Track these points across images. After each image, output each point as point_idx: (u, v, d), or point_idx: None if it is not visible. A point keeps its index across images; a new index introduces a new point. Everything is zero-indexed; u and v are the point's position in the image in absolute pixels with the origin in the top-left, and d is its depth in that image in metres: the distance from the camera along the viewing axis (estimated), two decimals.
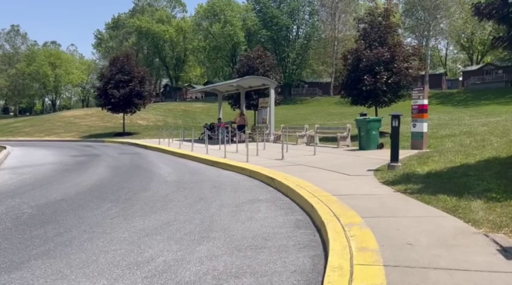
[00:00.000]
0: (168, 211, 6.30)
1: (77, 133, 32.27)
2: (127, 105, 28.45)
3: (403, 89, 18.11)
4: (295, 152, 13.71)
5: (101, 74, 29.77)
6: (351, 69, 17.95)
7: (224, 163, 11.59)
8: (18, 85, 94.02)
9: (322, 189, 6.98)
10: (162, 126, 35.71)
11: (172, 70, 79.23)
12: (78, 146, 22.29)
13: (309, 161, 11.34)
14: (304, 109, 53.91)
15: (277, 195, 7.48)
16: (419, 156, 10.45)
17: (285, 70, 66.27)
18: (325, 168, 9.73)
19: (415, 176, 7.76)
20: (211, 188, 8.30)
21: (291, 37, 67.97)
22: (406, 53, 17.78)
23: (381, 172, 8.64)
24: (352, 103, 18.78)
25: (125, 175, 10.61)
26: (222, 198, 7.27)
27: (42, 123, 39.11)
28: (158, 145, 19.86)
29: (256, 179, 9.37)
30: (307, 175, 8.86)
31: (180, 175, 10.42)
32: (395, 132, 8.86)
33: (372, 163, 10.19)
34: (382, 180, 7.76)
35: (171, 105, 57.37)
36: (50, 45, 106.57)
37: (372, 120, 13.17)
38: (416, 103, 12.77)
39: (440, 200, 5.79)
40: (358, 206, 5.63)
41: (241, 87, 22.13)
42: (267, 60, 26.34)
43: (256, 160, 12.14)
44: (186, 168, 11.93)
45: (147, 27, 71.63)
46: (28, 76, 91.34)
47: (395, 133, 8.86)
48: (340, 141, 14.57)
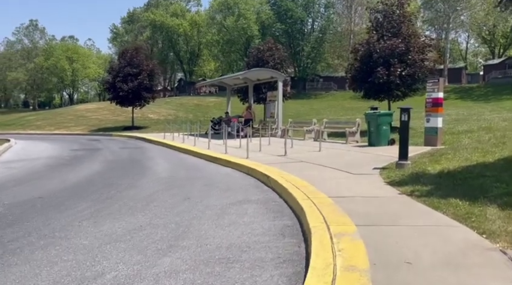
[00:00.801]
0: (146, 213, 5.71)
1: (86, 126, 32.11)
2: (136, 98, 28.06)
3: (417, 82, 17.17)
4: (300, 148, 13.01)
5: (109, 67, 29.48)
6: (362, 61, 17.08)
7: (223, 159, 10.98)
8: (37, 79, 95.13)
9: (319, 190, 6.29)
10: (173, 120, 35.32)
11: (187, 64, 78.85)
12: (84, 140, 21.99)
13: (313, 157, 10.63)
14: (318, 103, 52.93)
15: (271, 195, 6.82)
16: (432, 153, 9.63)
17: (300, 64, 65.30)
18: (328, 165, 9.02)
19: (425, 176, 7.00)
20: (203, 187, 7.69)
21: (305, 30, 66.80)
22: (421, 44, 16.81)
23: (388, 170, 7.89)
24: (364, 96, 17.92)
25: (118, 171, 10.09)
26: (210, 198, 6.66)
27: (54, 116, 39.16)
28: (163, 139, 19.36)
29: (252, 177, 8.72)
30: (307, 173, 8.17)
31: (175, 171, 9.85)
32: (404, 126, 8.08)
33: (379, 160, 9.43)
34: (388, 180, 7.02)
35: (184, 99, 57.04)
36: (67, 40, 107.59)
37: (382, 114, 12.36)
38: (431, 97, 11.89)
39: (451, 205, 5.06)
40: (354, 211, 4.93)
41: (249, 80, 21.45)
42: (278, 52, 25.56)
43: (258, 156, 11.49)
44: (184, 164, 11.36)
45: (161, 21, 71.32)
46: (46, 70, 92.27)
47: (404, 128, 8.09)
48: (348, 137, 13.79)
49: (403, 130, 8.11)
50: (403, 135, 8.09)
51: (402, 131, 8.13)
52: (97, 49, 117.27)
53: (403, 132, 8.12)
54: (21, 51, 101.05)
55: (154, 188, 7.67)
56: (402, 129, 8.13)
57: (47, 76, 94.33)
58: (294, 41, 64.91)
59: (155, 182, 8.27)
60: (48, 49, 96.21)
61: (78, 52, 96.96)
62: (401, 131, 8.17)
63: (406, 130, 8.08)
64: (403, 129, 8.12)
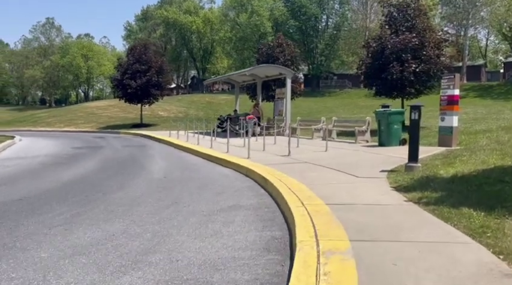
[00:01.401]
0: (126, 219, 5.22)
1: (96, 124, 31.99)
2: (144, 95, 27.73)
3: (433, 79, 16.38)
4: (306, 148, 12.40)
5: (118, 64, 29.23)
6: (374, 57, 16.36)
7: (223, 159, 10.45)
8: (53, 76, 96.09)
9: (317, 195, 5.71)
10: (183, 117, 35.01)
11: (200, 62, 78.57)
12: (89, 138, 21.74)
13: (318, 158, 10.03)
14: (332, 101, 52.03)
15: (265, 200, 6.27)
16: (446, 155, 8.94)
17: (313, 61, 64.40)
18: (332, 167, 8.41)
19: (436, 180, 6.35)
20: (195, 189, 7.18)
21: (319, 27, 65.76)
22: (437, 39, 15.99)
23: (396, 173, 7.25)
24: (376, 94, 17.19)
25: (112, 171, 9.66)
26: (199, 203, 6.14)
27: (65, 113, 39.25)
28: (168, 137, 18.96)
29: (250, 179, 8.18)
30: (308, 175, 7.58)
31: (171, 172, 9.37)
32: (414, 126, 7.43)
33: (388, 162, 8.78)
34: (395, 184, 6.39)
35: (196, 97, 56.80)
36: (83, 38, 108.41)
37: (393, 113, 11.66)
38: (446, 94, 11.15)
39: (464, 215, 4.43)
40: (352, 221, 4.35)
41: (258, 77, 20.88)
42: (288, 48, 24.89)
43: (260, 156, 10.93)
44: (183, 163, 10.87)
45: (174, 18, 71.12)
46: (62, 68, 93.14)
47: (414, 127, 7.43)
48: (358, 136, 13.12)
49: (414, 130, 7.45)
50: (413, 135, 7.44)
51: (412, 131, 7.48)
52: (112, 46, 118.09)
53: (413, 132, 7.46)
54: (38, 48, 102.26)
55: (143, 190, 7.19)
56: (412, 128, 7.48)
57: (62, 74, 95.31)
58: (308, 38, 63.98)
59: (146, 184, 7.79)
60: (64, 47, 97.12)
61: (93, 50, 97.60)
62: (411, 131, 7.51)
63: (416, 130, 7.43)
64: (413, 128, 7.46)
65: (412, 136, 7.46)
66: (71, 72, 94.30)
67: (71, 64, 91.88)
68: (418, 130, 7.45)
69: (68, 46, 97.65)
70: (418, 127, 7.43)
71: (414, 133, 7.44)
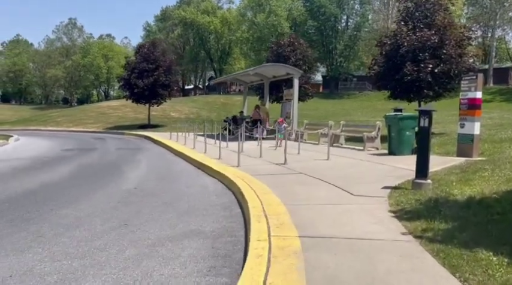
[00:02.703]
0: (46, 249, 4.17)
1: (103, 124, 31.41)
2: (152, 95, 26.88)
3: (453, 81, 14.90)
4: (307, 155, 11.18)
5: (126, 63, 28.52)
6: (388, 55, 15.00)
7: (210, 167, 9.34)
8: (75, 76, 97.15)
9: (295, 221, 4.54)
10: (194, 119, 34.16)
11: (217, 62, 77.88)
12: (88, 138, 20.99)
13: (316, 168, 8.82)
14: (350, 104, 50.43)
15: (234, 225, 5.12)
16: (464, 168, 7.59)
17: (332, 62, 62.86)
18: (327, 180, 7.19)
19: (448, 204, 5.08)
20: (158, 206, 6.09)
21: (339, 28, 64.12)
22: (459, 36, 14.52)
23: (400, 192, 5.99)
24: (390, 96, 15.79)
25: (82, 179, 8.68)
26: (154, 225, 5.04)
27: (76, 113, 38.94)
28: (167, 140, 18.01)
29: (231, 193, 7.05)
30: (296, 191, 6.41)
31: (146, 181, 8.31)
32: (423, 134, 6.15)
33: (395, 175, 7.50)
34: (396, 208, 5.15)
35: (211, 98, 56.07)
36: (105, 38, 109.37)
37: (404, 117, 10.32)
38: (466, 97, 9.76)
39: (480, 263, 3.21)
40: (321, 270, 3.16)
41: (265, 77, 19.72)
42: (300, 47, 23.64)
43: (253, 163, 9.79)
44: (166, 171, 9.81)
45: (192, 18, 70.61)
46: (83, 68, 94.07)
47: (423, 136, 6.16)
48: (366, 142, 11.81)
49: (423, 139, 6.18)
50: (422, 145, 6.16)
51: (421, 140, 6.20)
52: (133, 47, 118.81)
53: (422, 142, 6.19)
54: (60, 48, 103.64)
55: (98, 205, 6.14)
56: (421, 137, 6.20)
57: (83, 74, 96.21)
58: (327, 39, 62.48)
59: (108, 197, 6.74)
60: (86, 47, 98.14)
61: (114, 50, 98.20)
62: (420, 140, 6.24)
63: (425, 139, 6.15)
64: (422, 137, 6.19)
65: (421, 146, 6.18)
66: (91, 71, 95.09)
67: (91, 64, 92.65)
68: (428, 140, 6.17)
69: (89, 46, 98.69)
70: (428, 136, 6.15)
71: (423, 143, 6.16)
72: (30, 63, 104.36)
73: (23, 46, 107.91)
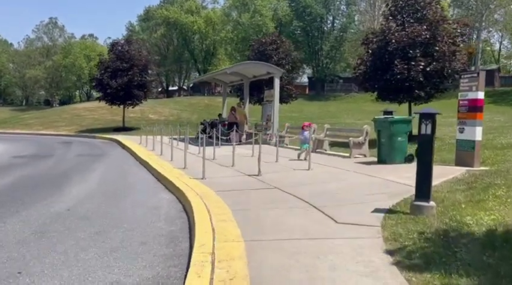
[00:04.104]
0: None
1: (76, 126, 29.61)
2: (127, 96, 25.22)
3: (446, 81, 13.76)
4: (286, 164, 9.82)
5: (98, 62, 26.82)
6: (375, 54, 13.77)
7: (169, 180, 7.90)
8: (56, 77, 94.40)
9: (253, 274, 3.16)
10: (174, 121, 32.62)
11: (201, 63, 76.17)
12: (53, 143, 19.27)
13: (294, 181, 7.46)
14: (336, 106, 49.39)
15: (170, 273, 3.72)
16: (470, 182, 6.31)
17: (318, 64, 61.83)
18: (307, 199, 5.84)
19: (463, 240, 3.76)
20: (82, 240, 4.65)
21: (325, 28, 63.15)
22: (452, 33, 13.36)
23: (397, 218, 4.66)
24: (379, 98, 14.57)
25: (11, 195, 7.17)
26: (52, 278, 3.61)
27: (49, 115, 36.96)
28: (136, 145, 16.49)
29: (185, 216, 5.65)
30: (264, 215, 5.03)
31: (88, 199, 6.84)
32: (425, 144, 4.83)
33: (388, 192, 6.19)
34: (393, 246, 3.81)
35: (194, 99, 54.48)
36: (87, 38, 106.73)
37: (396, 121, 9.04)
38: (466, 97, 8.54)
39: None
40: None
41: (245, 77, 18.34)
42: (283, 46, 22.35)
43: (223, 175, 8.40)
44: (118, 184, 8.33)
45: (175, 18, 68.92)
46: (64, 68, 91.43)
47: (425, 146, 4.83)
48: (353, 149, 10.50)
49: (425, 151, 4.85)
50: (424, 158, 4.83)
51: (423, 152, 4.87)
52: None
53: (424, 154, 4.86)
54: (41, 48, 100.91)
55: (1, 239, 4.67)
56: (422, 148, 4.87)
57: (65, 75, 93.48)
58: (313, 40, 61.47)
59: (24, 224, 5.26)
60: (67, 47, 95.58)
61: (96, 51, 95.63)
62: (421, 151, 4.90)
63: (428, 151, 4.82)
64: (424, 148, 4.86)
65: (422, 160, 4.85)
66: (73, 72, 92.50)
67: (73, 64, 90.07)
68: (432, 151, 4.84)
69: (70, 46, 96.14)
70: (431, 147, 4.82)
71: (425, 155, 4.83)
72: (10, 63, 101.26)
73: (3, 46, 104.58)
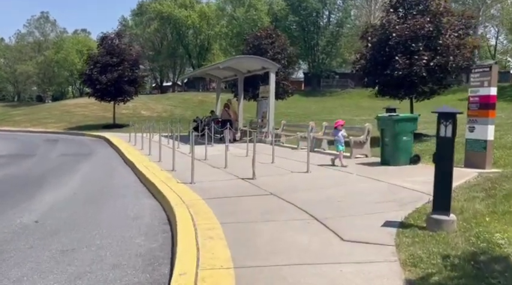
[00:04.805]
0: None
1: (66, 123, 28.73)
2: (118, 92, 24.39)
3: (450, 76, 13.11)
4: (283, 165, 9.15)
5: (87, 57, 25.94)
6: (375, 48, 13.09)
7: (154, 184, 7.20)
8: (48, 73, 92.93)
9: None
10: (167, 117, 31.87)
11: (196, 58, 75.13)
12: (38, 141, 18.43)
13: (292, 185, 6.80)
14: (332, 102, 48.77)
15: None
16: (487, 190, 5.67)
17: (314, 59, 61.12)
18: (307, 209, 5.17)
19: (499, 267, 3.11)
20: (43, 263, 3.97)
21: (321, 23, 62.36)
22: (457, 25, 12.71)
23: (412, 234, 4.00)
24: (378, 94, 13.91)
25: None
26: None
27: (39, 111, 36.02)
28: (125, 143, 15.75)
29: (169, 229, 4.97)
30: (258, 230, 4.37)
31: (62, 208, 6.14)
32: (445, 148, 4.17)
33: (397, 199, 5.54)
34: (414, 274, 3.15)
35: (188, 95, 53.64)
36: (80, 33, 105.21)
37: (401, 119, 8.39)
38: (477, 93, 7.89)
39: None
40: None
41: (239, 72, 17.61)
42: (279, 40, 21.60)
43: (214, 178, 7.71)
44: (99, 189, 7.62)
45: (169, 12, 67.83)
46: (56, 63, 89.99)
47: (445, 150, 4.17)
48: (354, 149, 9.86)
49: (444, 155, 4.19)
50: (444, 165, 4.18)
51: (442, 157, 4.21)
52: None
53: (443, 159, 4.20)
54: (32, 43, 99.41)
55: None
56: (442, 152, 4.21)
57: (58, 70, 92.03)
58: (309, 35, 60.66)
59: None
60: (59, 42, 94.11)
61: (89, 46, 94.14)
62: (440, 157, 4.24)
63: (448, 155, 4.16)
64: (443, 152, 4.19)
65: (442, 166, 4.19)
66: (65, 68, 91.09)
67: (65, 60, 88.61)
68: (452, 156, 4.18)
69: (62, 41, 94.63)
70: (451, 153, 4.16)
71: (445, 160, 4.17)
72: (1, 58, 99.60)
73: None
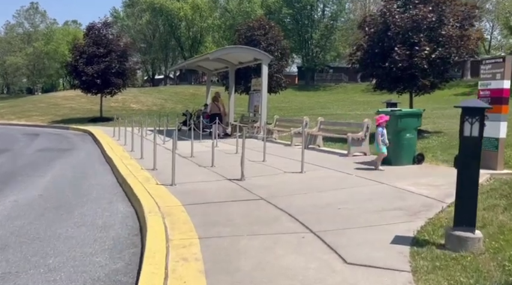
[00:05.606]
0: None
1: (52, 116, 27.73)
2: (105, 84, 23.42)
3: (452, 69, 12.42)
4: (275, 164, 8.40)
5: (73, 47, 24.91)
6: (373, 39, 12.34)
7: (130, 186, 6.42)
8: (38, 64, 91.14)
9: None
10: (157, 111, 30.98)
11: (188, 51, 73.93)
12: (17, 135, 17.47)
13: (284, 188, 6.05)
14: (327, 96, 48.08)
15: None
16: (507, 196, 4.98)
17: (308, 53, 60.34)
18: (301, 219, 4.44)
19: None
20: None
21: (315, 16, 61.54)
22: (460, 15, 11.99)
23: (431, 255, 3.28)
24: (376, 87, 13.18)
25: None
26: None
27: (24, 104, 34.91)
28: (109, 138, 14.90)
29: (139, 242, 4.21)
30: (243, 247, 3.62)
31: (18, 217, 5.34)
32: (470, 151, 3.44)
33: (404, 207, 4.83)
34: None
35: (180, 88, 52.67)
36: (70, 25, 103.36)
37: (404, 114, 7.66)
38: (488, 87, 7.20)
39: None
40: None
41: (230, 63, 16.78)
42: (272, 31, 20.77)
43: (198, 179, 6.95)
44: (70, 190, 6.81)
45: (160, 4, 66.53)
46: (46, 55, 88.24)
47: (471, 153, 3.44)
48: (351, 146, 9.13)
49: (469, 159, 3.46)
50: (468, 169, 3.45)
51: (466, 161, 3.48)
52: None
53: (468, 164, 3.47)
54: (22, 34, 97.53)
55: None
56: (467, 155, 3.48)
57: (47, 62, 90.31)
58: (303, 28, 59.84)
59: None
60: (49, 33, 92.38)
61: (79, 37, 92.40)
62: (464, 161, 3.51)
63: (474, 159, 3.44)
64: (468, 155, 3.47)
65: (466, 172, 3.46)
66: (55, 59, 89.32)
67: (55, 51, 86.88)
68: (479, 160, 3.46)
69: (52, 32, 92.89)
70: (478, 154, 3.44)
71: (470, 165, 3.44)
72: None
73: None
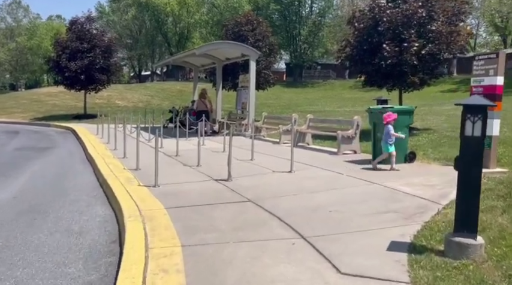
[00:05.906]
0: None
1: (34, 113, 27.04)
2: (89, 81, 22.85)
3: (442, 65, 12.30)
4: (263, 162, 8.14)
5: (55, 41, 24.26)
6: (363, 35, 12.14)
7: (110, 187, 6.10)
8: (21, 60, 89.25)
9: None
10: (143, 107, 30.43)
11: (175, 47, 73.14)
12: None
13: (272, 190, 5.80)
14: (315, 93, 48.02)
15: None
16: (504, 196, 4.79)
17: (296, 49, 60.24)
18: (289, 222, 4.18)
19: None
20: None
21: (303, 13, 61.42)
22: (450, 11, 11.86)
23: (430, 264, 3.06)
24: (365, 84, 12.99)
25: None
26: None
27: (5, 100, 34.01)
28: (91, 135, 14.48)
29: (118, 250, 3.91)
30: (228, 256, 3.36)
31: None
32: (472, 151, 3.21)
33: (398, 209, 4.61)
34: None
35: (167, 85, 52.01)
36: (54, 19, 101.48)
37: (396, 112, 7.44)
38: (481, 83, 7.03)
39: None
40: None
41: (217, 59, 16.46)
42: (260, 27, 20.46)
43: (183, 179, 6.65)
44: (46, 193, 6.45)
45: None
46: (29, 51, 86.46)
47: (472, 154, 3.21)
48: (341, 144, 8.92)
49: (471, 160, 3.24)
50: (470, 171, 3.23)
51: (468, 162, 3.26)
52: None
53: (469, 165, 3.24)
54: (4, 29, 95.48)
55: None
56: (468, 156, 3.25)
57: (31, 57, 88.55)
58: (290, 24, 59.71)
59: None
60: (32, 28, 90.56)
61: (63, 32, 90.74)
62: (465, 162, 3.29)
63: (477, 160, 3.21)
64: (469, 156, 3.24)
65: (467, 174, 3.24)
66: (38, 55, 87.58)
67: (39, 46, 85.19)
68: (481, 161, 3.24)
69: (35, 27, 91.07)
70: (480, 154, 3.22)
71: (472, 166, 3.22)
72: None
73: None
